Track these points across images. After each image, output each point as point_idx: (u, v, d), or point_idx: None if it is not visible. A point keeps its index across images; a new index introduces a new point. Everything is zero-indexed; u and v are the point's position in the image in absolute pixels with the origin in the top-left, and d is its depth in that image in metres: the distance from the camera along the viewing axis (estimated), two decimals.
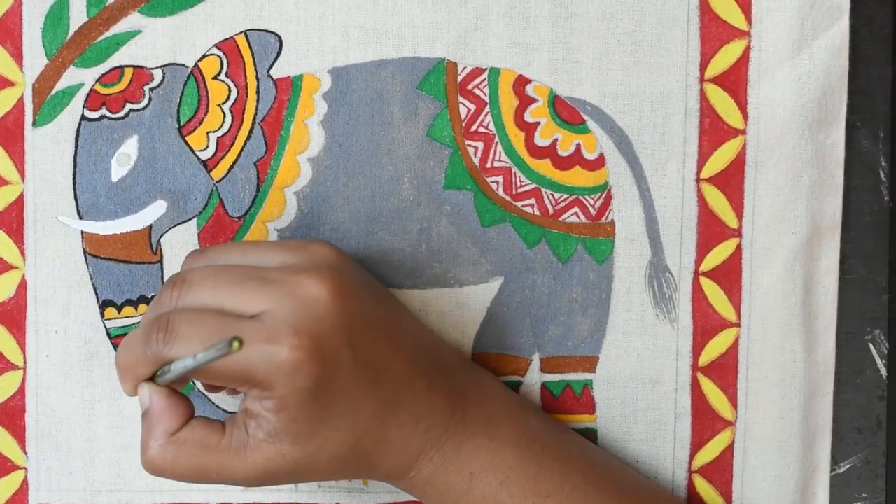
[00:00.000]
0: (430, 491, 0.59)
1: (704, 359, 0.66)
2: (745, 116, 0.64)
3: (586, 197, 0.65)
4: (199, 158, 0.64)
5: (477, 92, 0.64)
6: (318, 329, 0.54)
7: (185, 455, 0.56)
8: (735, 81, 0.64)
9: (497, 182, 0.65)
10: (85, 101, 0.64)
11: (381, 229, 0.65)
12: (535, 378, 0.66)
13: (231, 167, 0.64)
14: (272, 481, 0.56)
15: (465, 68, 0.64)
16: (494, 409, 0.61)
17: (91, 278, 0.65)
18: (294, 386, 0.54)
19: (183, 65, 0.64)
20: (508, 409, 0.61)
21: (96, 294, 0.65)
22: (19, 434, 0.65)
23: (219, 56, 0.64)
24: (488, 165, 0.64)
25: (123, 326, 0.65)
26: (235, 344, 0.49)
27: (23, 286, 0.65)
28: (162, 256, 0.65)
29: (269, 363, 0.53)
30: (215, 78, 0.64)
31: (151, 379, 0.56)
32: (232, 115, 0.64)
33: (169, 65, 0.64)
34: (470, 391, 0.60)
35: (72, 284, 0.65)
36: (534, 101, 0.64)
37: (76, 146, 0.64)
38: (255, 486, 0.57)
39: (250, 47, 0.64)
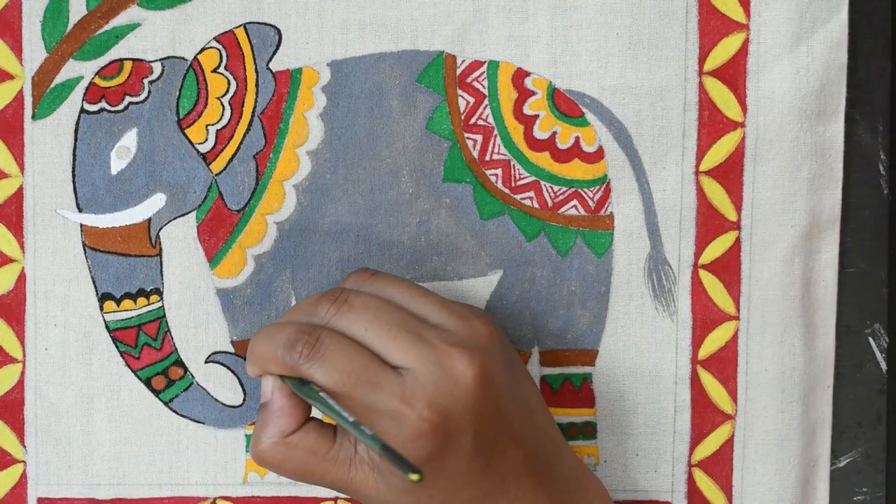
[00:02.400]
0: None
1: (704, 352, 0.66)
2: (744, 109, 0.64)
3: (585, 190, 0.65)
4: (198, 151, 0.64)
5: (476, 85, 0.64)
6: (452, 407, 0.54)
7: (293, 457, 0.57)
8: (734, 74, 0.64)
9: (496, 175, 0.65)
10: (84, 94, 0.64)
11: (380, 222, 0.65)
12: (534, 371, 0.66)
13: (230, 160, 0.64)
14: (361, 498, 0.57)
15: (463, 61, 0.64)
16: None
17: (90, 271, 0.65)
18: (406, 450, 0.54)
19: (182, 58, 0.64)
20: None
21: (95, 287, 0.65)
22: (18, 427, 0.65)
23: (218, 49, 0.64)
24: (487, 158, 0.65)
25: (122, 320, 0.65)
26: (415, 476, 0.49)
27: (22, 279, 0.65)
28: (161, 249, 0.65)
29: (394, 421, 0.54)
30: (214, 71, 0.64)
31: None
32: (231, 108, 0.64)
33: (168, 58, 0.64)
34: (573, 501, 0.60)
35: (71, 277, 0.65)
36: (533, 93, 0.64)
37: (75, 139, 0.64)
38: (348, 496, 0.58)
39: (249, 40, 0.64)
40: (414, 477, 0.49)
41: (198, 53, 0.64)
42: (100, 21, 0.63)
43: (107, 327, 0.65)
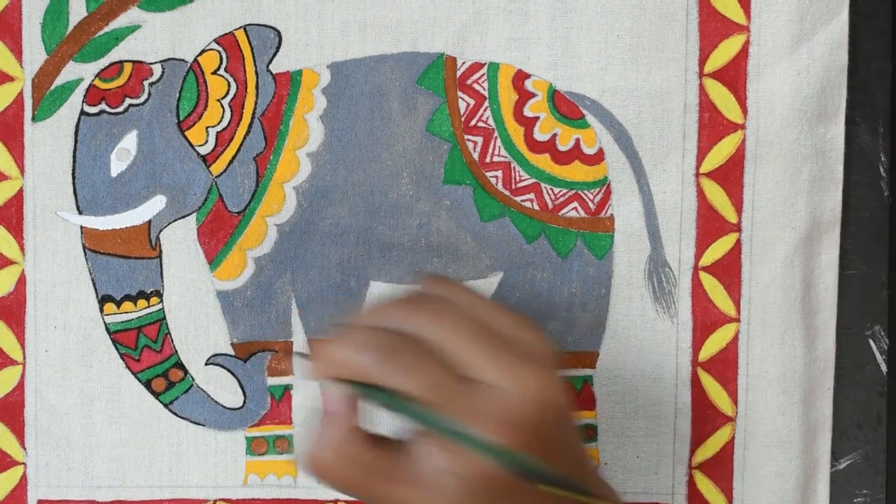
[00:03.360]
0: None
1: (704, 354, 0.66)
2: (745, 111, 0.64)
3: (585, 192, 0.65)
4: (198, 153, 0.64)
5: (476, 87, 0.64)
6: (527, 425, 0.52)
7: (355, 473, 0.53)
8: (734, 76, 0.64)
9: (496, 177, 0.65)
10: (84, 96, 0.64)
11: (381, 224, 0.65)
12: None
13: (230, 162, 0.64)
14: None
15: (464, 63, 0.64)
16: None
17: (90, 273, 0.65)
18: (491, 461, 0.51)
19: (182, 59, 0.64)
20: None
21: (95, 289, 0.65)
22: (18, 429, 0.65)
23: (218, 51, 0.64)
24: (487, 160, 0.65)
25: (122, 322, 0.65)
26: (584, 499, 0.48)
27: (22, 281, 0.65)
28: (161, 252, 0.65)
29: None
30: (215, 73, 0.64)
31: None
32: (231, 110, 0.64)
33: (168, 60, 0.64)
34: None
35: (71, 279, 0.65)
36: (533, 95, 0.64)
37: (75, 141, 0.64)
38: None
39: (249, 42, 0.64)
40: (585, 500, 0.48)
41: (198, 55, 0.64)
42: (100, 23, 0.63)
43: (107, 329, 0.65)
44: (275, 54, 0.64)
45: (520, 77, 0.64)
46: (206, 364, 0.65)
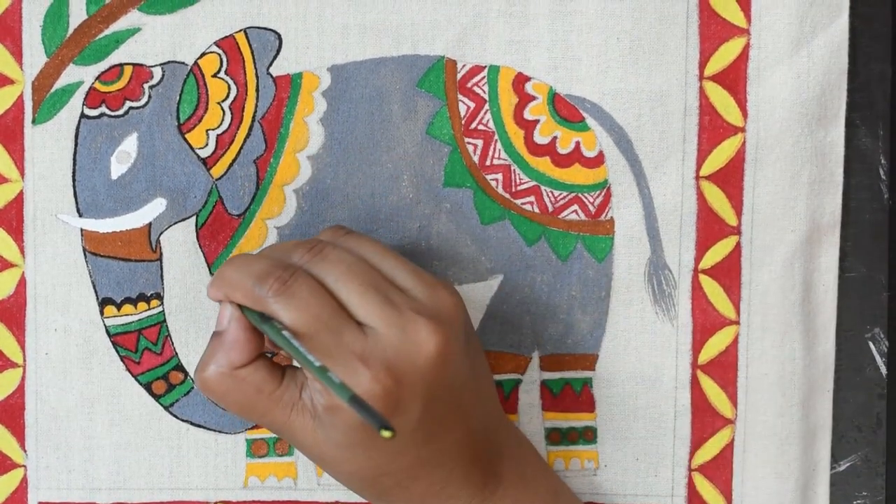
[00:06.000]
0: None
1: (704, 356, 0.66)
2: (745, 114, 0.64)
3: (586, 195, 0.65)
4: (198, 156, 0.64)
5: (476, 89, 0.64)
6: (407, 375, 0.54)
7: (238, 391, 0.56)
8: (734, 79, 0.64)
9: (496, 180, 0.65)
10: (84, 99, 0.64)
11: (381, 227, 0.65)
12: (534, 376, 0.66)
13: (230, 165, 0.64)
14: (298, 446, 0.57)
15: (464, 66, 0.64)
16: (523, 498, 0.60)
17: (90, 276, 0.65)
18: (353, 411, 0.53)
19: (182, 62, 0.64)
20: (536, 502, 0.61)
21: (96, 292, 0.65)
22: (19, 432, 0.65)
23: (218, 54, 0.64)
24: (488, 163, 0.65)
25: (123, 324, 0.65)
26: (386, 433, 0.48)
27: (22, 284, 0.65)
28: (161, 254, 0.65)
29: (347, 377, 0.53)
30: (215, 76, 0.64)
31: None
32: (231, 113, 0.64)
33: (168, 62, 0.64)
34: (508, 475, 0.60)
35: (71, 282, 0.65)
36: (533, 98, 0.64)
37: (76, 144, 0.64)
38: (283, 438, 0.58)
39: (250, 45, 0.64)
40: (386, 434, 0.48)
41: (198, 58, 0.64)
42: (100, 26, 0.63)
43: (107, 332, 0.65)
44: (275, 57, 0.64)
45: (520, 80, 0.64)
46: None
